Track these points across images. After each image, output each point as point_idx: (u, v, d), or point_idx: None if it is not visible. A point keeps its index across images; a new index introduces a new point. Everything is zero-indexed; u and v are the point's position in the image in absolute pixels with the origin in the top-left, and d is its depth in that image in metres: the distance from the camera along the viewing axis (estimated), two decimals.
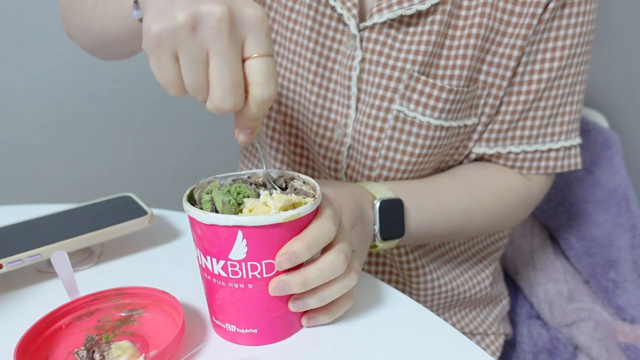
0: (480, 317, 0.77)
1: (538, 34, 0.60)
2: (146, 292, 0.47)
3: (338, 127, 0.65)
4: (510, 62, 0.60)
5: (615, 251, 0.80)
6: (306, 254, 0.41)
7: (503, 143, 0.64)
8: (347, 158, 0.65)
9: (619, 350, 0.74)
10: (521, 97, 0.62)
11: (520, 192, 0.65)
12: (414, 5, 0.58)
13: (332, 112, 0.65)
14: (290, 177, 0.47)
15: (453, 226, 0.62)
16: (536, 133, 0.64)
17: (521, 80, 0.62)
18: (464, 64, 0.60)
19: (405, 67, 0.60)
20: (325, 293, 0.43)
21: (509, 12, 0.59)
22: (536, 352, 0.81)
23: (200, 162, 1.33)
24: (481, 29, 0.59)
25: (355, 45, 0.62)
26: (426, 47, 0.60)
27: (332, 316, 0.45)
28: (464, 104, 0.62)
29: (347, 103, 0.64)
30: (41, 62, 1.11)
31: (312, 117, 0.66)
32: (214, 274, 0.41)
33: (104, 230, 0.55)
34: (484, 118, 0.64)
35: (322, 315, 0.45)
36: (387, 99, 0.61)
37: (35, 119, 1.14)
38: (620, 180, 0.83)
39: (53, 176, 1.19)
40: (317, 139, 0.67)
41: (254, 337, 0.43)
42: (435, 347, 0.43)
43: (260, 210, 0.41)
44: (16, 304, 0.50)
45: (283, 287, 0.41)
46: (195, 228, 0.41)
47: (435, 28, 0.59)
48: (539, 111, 0.63)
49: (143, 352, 0.43)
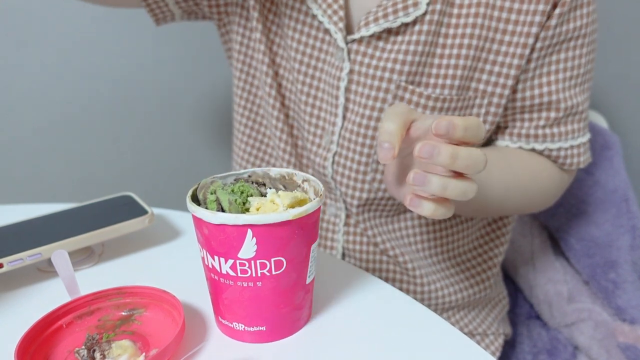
0: (480, 317, 0.77)
1: (547, 39, 0.60)
2: (147, 292, 0.47)
3: (326, 134, 0.67)
4: (512, 70, 0.61)
5: (615, 252, 0.80)
6: (461, 132, 0.40)
7: (527, 140, 0.65)
8: (332, 164, 0.66)
9: (619, 350, 0.74)
10: (543, 99, 0.62)
11: (554, 174, 0.66)
12: (399, 18, 0.59)
13: (320, 120, 0.67)
14: (290, 174, 0.47)
15: (493, 200, 0.61)
16: (557, 131, 0.64)
17: (534, 85, 0.62)
18: (455, 74, 0.60)
19: (392, 77, 0.61)
20: (452, 182, 0.41)
21: (505, 21, 0.59)
22: (536, 352, 0.81)
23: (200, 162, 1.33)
24: (473, 39, 0.59)
25: (343, 57, 0.63)
26: (413, 57, 0.60)
27: (434, 210, 0.43)
28: (454, 112, 0.62)
29: (334, 112, 0.65)
30: (41, 62, 1.11)
31: (304, 124, 0.68)
32: (221, 274, 0.42)
33: (105, 229, 0.55)
34: (487, 126, 0.64)
35: (429, 203, 0.42)
36: (376, 109, 0.62)
37: (35, 119, 1.14)
38: (620, 181, 0.83)
39: (53, 176, 1.19)
40: (308, 144, 0.69)
41: (263, 335, 0.44)
42: (436, 347, 0.43)
43: (268, 208, 0.41)
44: (17, 303, 0.50)
45: (432, 150, 0.39)
46: (202, 228, 0.41)
47: (422, 38, 0.60)
48: (560, 112, 0.63)
49: (143, 351, 0.43)
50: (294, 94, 0.68)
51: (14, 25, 1.07)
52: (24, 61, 1.10)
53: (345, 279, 0.53)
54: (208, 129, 1.30)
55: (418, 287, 0.72)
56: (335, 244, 0.71)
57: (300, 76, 0.67)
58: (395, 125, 0.43)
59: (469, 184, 0.42)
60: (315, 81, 0.66)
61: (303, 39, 0.66)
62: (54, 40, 1.10)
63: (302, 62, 0.66)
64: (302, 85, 0.67)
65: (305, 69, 0.66)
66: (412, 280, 0.72)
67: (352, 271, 0.54)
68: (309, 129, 0.68)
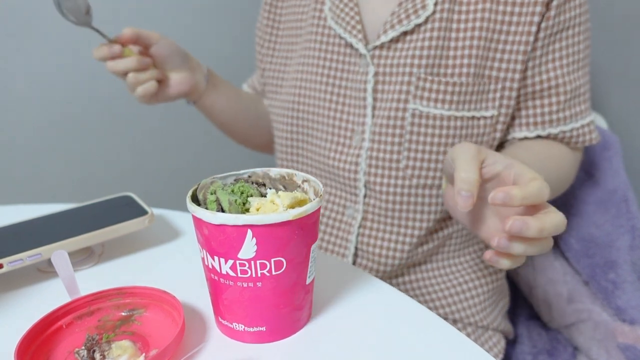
0: (484, 312, 0.77)
1: (548, 29, 0.66)
2: (146, 292, 0.47)
3: (356, 134, 0.73)
4: (519, 56, 0.67)
5: (614, 252, 0.80)
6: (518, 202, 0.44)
7: (542, 127, 0.71)
8: (366, 159, 0.72)
9: (619, 351, 0.74)
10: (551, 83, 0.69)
11: (568, 158, 0.73)
12: (412, 21, 0.67)
13: (350, 123, 0.73)
14: (290, 174, 0.47)
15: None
16: (568, 114, 0.70)
17: (542, 70, 0.68)
18: (470, 62, 0.67)
19: (412, 71, 0.68)
20: (547, 225, 0.45)
21: (509, 14, 0.66)
22: (536, 352, 0.81)
23: (200, 162, 1.33)
24: (482, 31, 0.66)
25: (367, 62, 0.71)
26: (428, 51, 0.67)
27: (524, 250, 0.47)
28: (473, 95, 0.68)
29: (362, 112, 0.72)
30: (41, 62, 1.11)
31: (328, 128, 0.75)
32: (221, 274, 0.42)
33: (105, 229, 0.55)
34: (504, 109, 0.70)
35: (519, 245, 0.46)
36: (402, 101, 0.69)
37: (35, 119, 1.14)
38: (619, 182, 0.83)
39: (53, 176, 1.19)
40: (333, 146, 0.75)
41: (263, 335, 0.44)
42: (436, 347, 0.43)
43: (268, 208, 0.41)
44: (17, 304, 0.50)
45: (522, 225, 0.44)
46: (202, 229, 0.41)
47: (434, 34, 0.67)
48: (567, 95, 0.69)
49: (143, 352, 0.43)
50: (317, 106, 0.75)
51: (14, 25, 1.07)
52: (24, 61, 1.10)
53: (345, 279, 0.53)
54: (208, 129, 1.30)
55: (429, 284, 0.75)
56: (348, 244, 0.75)
57: (322, 86, 0.75)
58: (474, 175, 0.47)
59: (560, 218, 0.46)
60: (342, 89, 0.74)
61: (328, 56, 0.74)
62: (54, 40, 1.10)
63: (329, 76, 0.74)
64: (325, 94, 0.75)
65: (333, 81, 0.74)
66: (425, 277, 0.75)
67: (352, 271, 0.54)
68: (338, 132, 0.74)
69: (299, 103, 0.77)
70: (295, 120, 0.78)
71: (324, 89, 0.75)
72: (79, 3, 0.66)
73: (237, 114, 0.86)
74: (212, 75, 0.82)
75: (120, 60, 0.68)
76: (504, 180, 0.49)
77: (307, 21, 0.78)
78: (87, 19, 0.68)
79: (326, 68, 0.75)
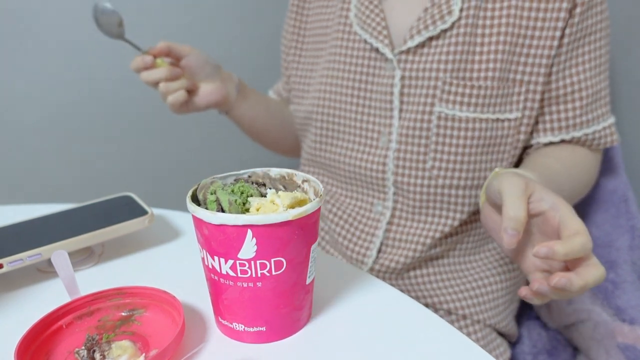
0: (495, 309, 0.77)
1: (572, 35, 0.68)
2: (147, 292, 0.47)
3: (382, 136, 0.75)
4: (543, 60, 0.68)
5: (614, 252, 0.80)
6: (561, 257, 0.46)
7: (566, 131, 0.72)
8: (394, 160, 0.74)
9: (618, 351, 0.74)
10: (575, 87, 0.70)
11: (591, 161, 0.75)
12: (438, 26, 0.69)
13: (376, 125, 0.75)
14: (290, 174, 0.47)
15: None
16: (591, 117, 0.72)
17: (566, 75, 0.70)
18: (495, 67, 0.69)
19: (438, 75, 0.70)
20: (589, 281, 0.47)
21: (534, 19, 0.68)
22: (536, 352, 0.81)
23: (200, 162, 1.33)
24: (507, 36, 0.68)
25: (393, 67, 0.73)
26: (454, 56, 0.69)
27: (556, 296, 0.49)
28: (497, 98, 0.69)
29: (389, 114, 0.74)
30: (41, 62, 1.11)
31: (355, 130, 0.77)
32: (221, 274, 0.42)
33: (105, 229, 0.55)
34: (527, 112, 0.71)
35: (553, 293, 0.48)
36: (428, 104, 0.71)
37: (35, 119, 1.14)
38: (619, 182, 0.83)
39: (53, 176, 1.19)
40: (360, 147, 0.77)
41: (262, 335, 0.44)
42: (436, 347, 0.43)
43: (268, 208, 0.41)
44: (17, 304, 0.50)
45: (566, 282, 0.46)
46: (202, 229, 0.41)
47: (460, 39, 0.69)
48: (589, 99, 0.71)
49: (143, 352, 0.43)
50: (343, 110, 0.78)
51: (14, 26, 1.07)
52: (24, 61, 1.10)
53: (345, 279, 0.53)
54: (208, 129, 1.30)
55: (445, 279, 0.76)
56: (374, 238, 0.77)
57: (349, 90, 0.77)
58: (522, 213, 0.48)
59: (601, 272, 0.47)
60: (368, 93, 0.75)
61: (354, 61, 0.76)
62: (54, 40, 1.10)
63: (355, 80, 0.76)
64: (352, 97, 0.77)
65: (359, 85, 0.76)
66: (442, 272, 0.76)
67: (352, 271, 0.54)
68: (365, 134, 0.76)
69: (326, 107, 0.79)
70: (321, 124, 0.80)
71: (350, 93, 0.77)
72: (112, 17, 0.71)
73: (267, 122, 0.88)
74: (242, 85, 0.84)
75: (152, 71, 0.73)
76: (548, 221, 0.50)
77: (332, 27, 0.80)
78: (120, 31, 0.72)
79: (352, 72, 0.76)
